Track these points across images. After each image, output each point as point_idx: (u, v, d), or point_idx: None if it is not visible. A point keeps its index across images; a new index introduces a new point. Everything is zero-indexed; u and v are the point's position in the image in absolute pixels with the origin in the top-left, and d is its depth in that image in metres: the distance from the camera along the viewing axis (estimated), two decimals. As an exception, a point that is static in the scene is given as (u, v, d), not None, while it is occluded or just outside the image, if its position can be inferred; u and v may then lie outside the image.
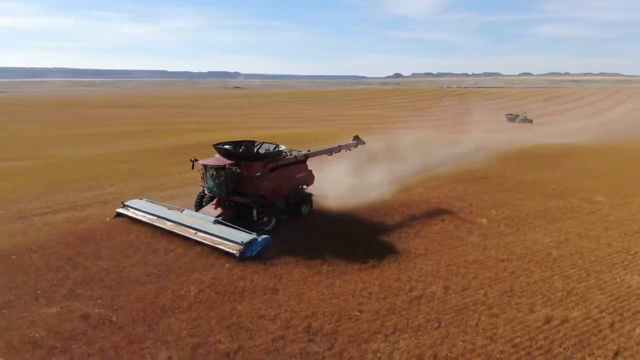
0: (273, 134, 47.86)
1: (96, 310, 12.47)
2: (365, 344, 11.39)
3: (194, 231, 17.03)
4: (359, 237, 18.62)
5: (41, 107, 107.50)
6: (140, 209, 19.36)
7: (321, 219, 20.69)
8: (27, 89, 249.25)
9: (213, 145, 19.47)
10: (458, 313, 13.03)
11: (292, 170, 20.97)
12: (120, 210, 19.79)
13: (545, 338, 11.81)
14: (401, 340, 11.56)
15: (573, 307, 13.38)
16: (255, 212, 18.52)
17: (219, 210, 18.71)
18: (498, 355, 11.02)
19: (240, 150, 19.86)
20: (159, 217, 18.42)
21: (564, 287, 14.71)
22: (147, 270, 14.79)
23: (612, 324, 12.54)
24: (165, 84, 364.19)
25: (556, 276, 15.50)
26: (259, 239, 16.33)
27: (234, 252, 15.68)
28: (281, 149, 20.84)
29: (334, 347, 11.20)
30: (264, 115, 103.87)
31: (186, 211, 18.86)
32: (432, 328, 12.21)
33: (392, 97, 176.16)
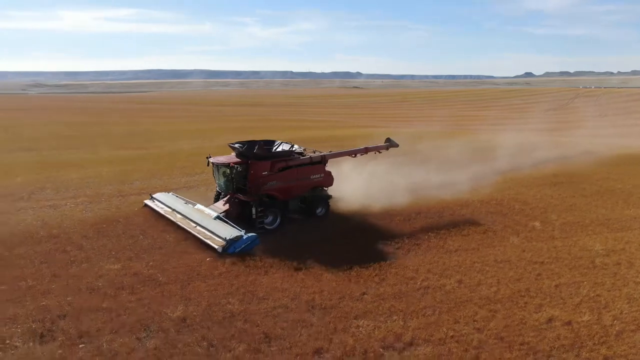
0: (360, 132, 49.29)
1: (148, 271, 15.29)
2: (354, 319, 12.54)
3: (195, 225, 18.24)
4: (395, 231, 19.47)
5: (173, 105, 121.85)
6: (162, 201, 21.20)
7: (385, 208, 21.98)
8: (170, 89, 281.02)
9: (228, 144, 20.55)
10: (459, 305, 13.47)
11: (306, 171, 20.92)
12: (147, 201, 21.88)
13: (535, 335, 11.85)
14: (389, 321, 12.49)
15: (586, 312, 13.00)
16: (254, 209, 18.97)
17: (226, 207, 19.79)
18: (476, 344, 11.44)
19: (246, 149, 19.87)
20: (172, 210, 20.04)
21: (588, 293, 14.20)
22: (198, 244, 17.40)
23: (620, 332, 12.05)
24: (290, 84, 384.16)
25: (585, 282, 14.93)
26: (245, 236, 16.82)
27: (217, 247, 16.51)
28: (294, 149, 21.05)
29: (325, 319, 12.55)
30: (371, 114, 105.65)
31: (198, 206, 20.10)
32: (424, 314, 12.90)
33: (514, 97, 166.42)
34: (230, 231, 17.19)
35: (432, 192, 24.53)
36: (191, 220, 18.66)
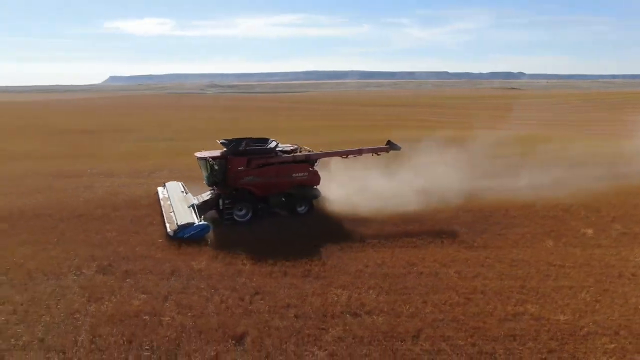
0: (468, 134, 48.40)
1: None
2: (336, 288, 14.39)
3: (171, 211, 20.25)
4: (426, 227, 20.35)
5: (318, 105, 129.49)
6: (167, 189, 23.61)
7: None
8: (327, 90, 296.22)
9: (218, 140, 21.92)
10: (442, 290, 14.37)
11: (287, 169, 21.60)
12: (159, 188, 24.63)
13: (494, 324, 12.39)
14: (364, 292, 14.10)
15: (567, 313, 12.95)
16: (221, 201, 20.65)
17: (207, 198, 21.76)
18: (429, 321, 12.52)
19: (225, 145, 21.19)
20: (168, 197, 22.30)
21: (586, 297, 13.88)
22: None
23: (588, 334, 11.96)
24: (444, 85, 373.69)
25: (593, 288, 14.47)
26: (196, 224, 18.43)
27: (169, 230, 18.41)
28: (274, 146, 21.85)
29: (314, 285, 14.62)
30: (501, 115, 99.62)
31: (188, 195, 22.40)
32: (402, 293, 14.14)
33: None
34: (186, 218, 18.99)
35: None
36: (171, 208, 20.74)
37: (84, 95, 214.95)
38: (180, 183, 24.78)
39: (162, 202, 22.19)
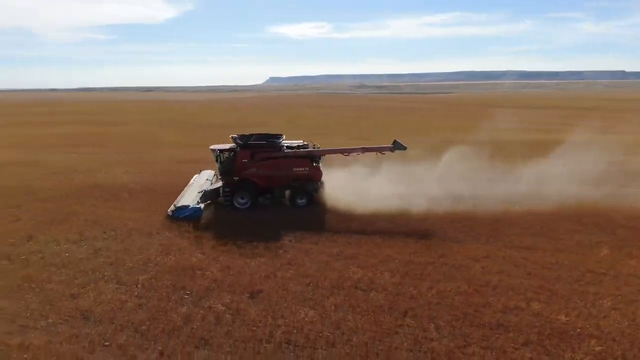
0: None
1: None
2: (357, 268, 16.02)
3: (183, 196, 23.19)
4: (479, 226, 20.58)
5: (458, 105, 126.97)
6: (199, 176, 26.68)
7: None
8: (478, 90, 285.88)
9: (231, 135, 24.11)
10: (455, 280, 15.11)
11: (288, 163, 23.11)
12: (195, 175, 27.28)
13: (488, 313, 12.98)
14: (379, 274, 15.52)
15: (571, 314, 12.90)
16: (221, 189, 23.13)
17: (217, 185, 24.15)
18: (425, 302, 13.57)
19: (235, 140, 23.41)
20: (192, 183, 25.58)
21: (611, 306, 13.45)
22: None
23: (580, 335, 11.94)
24: (619, 86, 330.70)
25: (620, 297, 13.92)
26: (190, 206, 21.16)
27: (169, 210, 21.37)
28: (280, 142, 23.37)
29: (340, 263, 16.44)
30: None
31: (207, 183, 25.03)
32: (415, 278, 15.22)
33: None
34: (186, 202, 21.73)
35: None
36: (186, 192, 23.93)
37: (242, 95, 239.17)
38: (213, 172, 27.39)
39: (185, 188, 25.22)
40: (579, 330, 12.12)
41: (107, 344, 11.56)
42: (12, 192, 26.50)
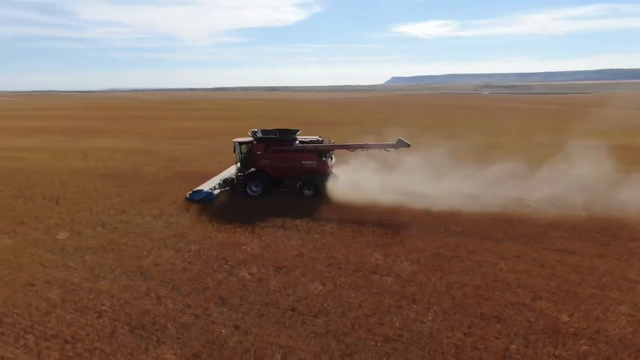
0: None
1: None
2: (380, 255, 17.08)
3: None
4: (527, 228, 20.19)
5: (582, 107, 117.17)
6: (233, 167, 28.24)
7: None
8: (620, 90, 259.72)
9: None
10: (471, 274, 15.49)
11: (297, 156, 25.06)
12: (233, 165, 28.61)
13: (488, 305, 13.38)
14: (399, 263, 16.45)
15: (575, 315, 12.79)
16: (235, 178, 25.71)
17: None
18: (430, 291, 14.34)
19: (252, 133, 25.85)
20: (223, 173, 28.81)
21: (625, 311, 13.05)
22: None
23: (573, 334, 11.91)
24: None
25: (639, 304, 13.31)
26: (203, 191, 24.57)
27: (187, 194, 24.71)
28: (292, 137, 25.43)
29: (368, 250, 17.68)
30: None
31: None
32: (433, 270, 15.89)
33: None
34: (204, 187, 25.07)
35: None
36: (211, 179, 27.17)
37: (359, 95, 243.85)
38: None
39: (216, 176, 28.19)
40: (574, 330, 12.05)
41: (151, 294, 14.28)
42: (123, 175, 31.64)
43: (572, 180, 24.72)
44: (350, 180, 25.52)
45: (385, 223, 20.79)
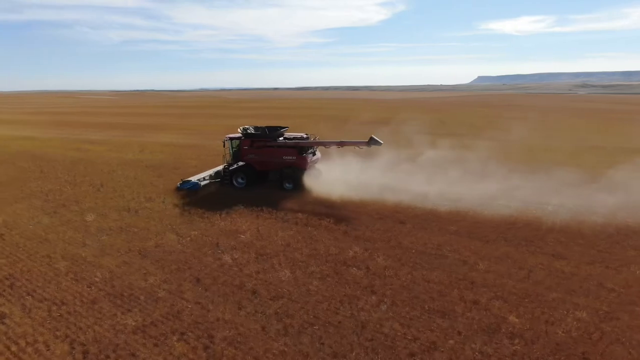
0: None
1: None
2: (358, 248, 17.67)
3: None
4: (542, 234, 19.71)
5: None
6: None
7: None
8: None
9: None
10: (441, 272, 15.70)
11: (279, 151, 26.71)
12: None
13: (442, 300, 13.67)
14: (376, 256, 16.94)
15: (526, 317, 12.72)
16: (222, 170, 28.06)
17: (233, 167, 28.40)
18: (395, 285, 14.79)
19: (242, 130, 27.90)
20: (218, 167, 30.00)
21: (588, 320, 12.78)
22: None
23: (503, 333, 11.94)
24: None
25: (612, 314, 12.89)
26: (192, 181, 27.06)
27: (178, 184, 27.14)
28: (275, 134, 27.20)
29: (346, 243, 18.33)
30: None
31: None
32: (406, 265, 16.27)
33: None
34: (194, 178, 27.60)
35: None
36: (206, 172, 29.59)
37: (436, 94, 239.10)
38: None
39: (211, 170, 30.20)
40: (514, 331, 12.03)
41: (140, 271, 16.04)
42: (165, 166, 34.40)
43: (601, 185, 23.55)
44: (359, 179, 26.23)
45: (383, 220, 21.21)
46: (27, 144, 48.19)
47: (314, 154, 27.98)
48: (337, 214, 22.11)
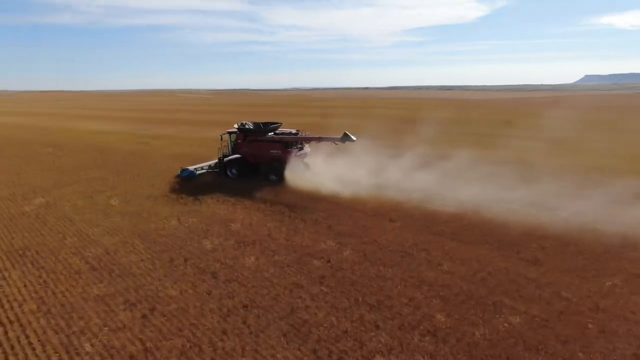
0: None
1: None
2: (327, 233, 18.25)
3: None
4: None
5: None
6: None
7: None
8: None
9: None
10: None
11: (266, 146, 28.71)
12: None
13: (382, 291, 14.00)
14: (338, 250, 17.45)
15: (448, 313, 12.69)
16: (218, 161, 30.42)
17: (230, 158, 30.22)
18: (341, 274, 15.29)
19: (239, 125, 30.06)
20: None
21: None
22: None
23: (433, 335, 12.02)
24: None
25: (570, 330, 12.44)
26: (189, 169, 29.57)
27: (178, 172, 29.79)
28: (266, 129, 29.24)
29: (313, 233, 18.94)
30: None
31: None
32: (368, 260, 16.64)
33: None
34: (191, 167, 29.94)
35: None
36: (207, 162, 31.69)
37: (531, 94, 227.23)
38: None
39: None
40: (431, 328, 12.10)
41: (130, 250, 17.94)
42: (205, 160, 36.88)
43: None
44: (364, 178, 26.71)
45: (376, 217, 21.49)
46: (99, 138, 53.87)
47: (301, 148, 29.24)
48: (332, 209, 22.67)
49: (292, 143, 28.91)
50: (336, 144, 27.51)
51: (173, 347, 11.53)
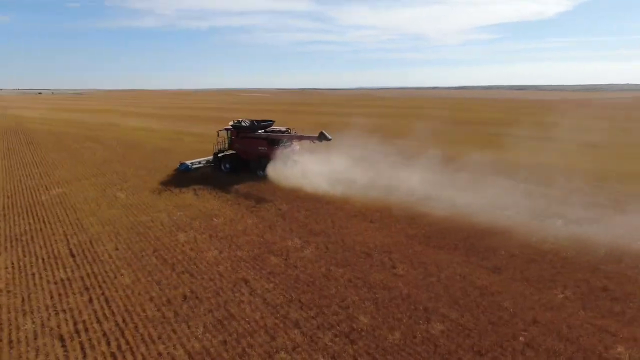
0: None
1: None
2: (299, 231, 18.49)
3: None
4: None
5: None
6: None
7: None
8: None
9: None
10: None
11: (254, 142, 30.42)
12: None
13: (311, 283, 14.15)
14: (297, 239, 17.68)
15: (371, 315, 12.63)
16: (213, 157, 32.15)
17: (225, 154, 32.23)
18: (292, 264, 15.56)
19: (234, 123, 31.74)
20: None
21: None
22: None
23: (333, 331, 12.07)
24: None
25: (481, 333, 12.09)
26: (186, 164, 31.90)
27: (178, 166, 32.04)
28: (256, 126, 30.98)
29: (287, 231, 19.22)
30: None
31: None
32: (318, 247, 16.79)
33: None
34: (187, 161, 32.19)
35: None
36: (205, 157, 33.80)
37: (609, 95, 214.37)
38: None
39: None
40: (349, 329, 12.08)
41: (112, 237, 19.16)
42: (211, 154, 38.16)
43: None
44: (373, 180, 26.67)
45: (356, 217, 21.52)
46: (136, 134, 57.09)
47: (288, 146, 30.03)
48: (317, 208, 22.91)
49: (277, 140, 30.06)
50: (314, 143, 28.23)
51: (101, 330, 12.33)
